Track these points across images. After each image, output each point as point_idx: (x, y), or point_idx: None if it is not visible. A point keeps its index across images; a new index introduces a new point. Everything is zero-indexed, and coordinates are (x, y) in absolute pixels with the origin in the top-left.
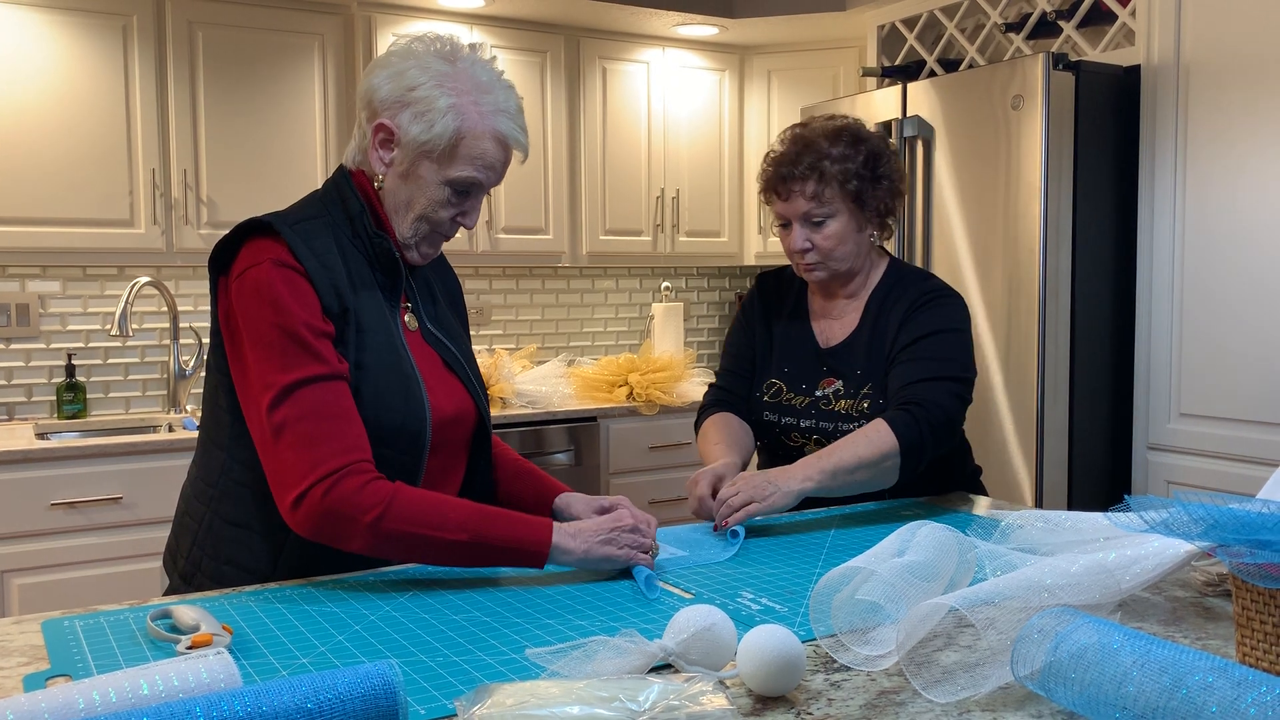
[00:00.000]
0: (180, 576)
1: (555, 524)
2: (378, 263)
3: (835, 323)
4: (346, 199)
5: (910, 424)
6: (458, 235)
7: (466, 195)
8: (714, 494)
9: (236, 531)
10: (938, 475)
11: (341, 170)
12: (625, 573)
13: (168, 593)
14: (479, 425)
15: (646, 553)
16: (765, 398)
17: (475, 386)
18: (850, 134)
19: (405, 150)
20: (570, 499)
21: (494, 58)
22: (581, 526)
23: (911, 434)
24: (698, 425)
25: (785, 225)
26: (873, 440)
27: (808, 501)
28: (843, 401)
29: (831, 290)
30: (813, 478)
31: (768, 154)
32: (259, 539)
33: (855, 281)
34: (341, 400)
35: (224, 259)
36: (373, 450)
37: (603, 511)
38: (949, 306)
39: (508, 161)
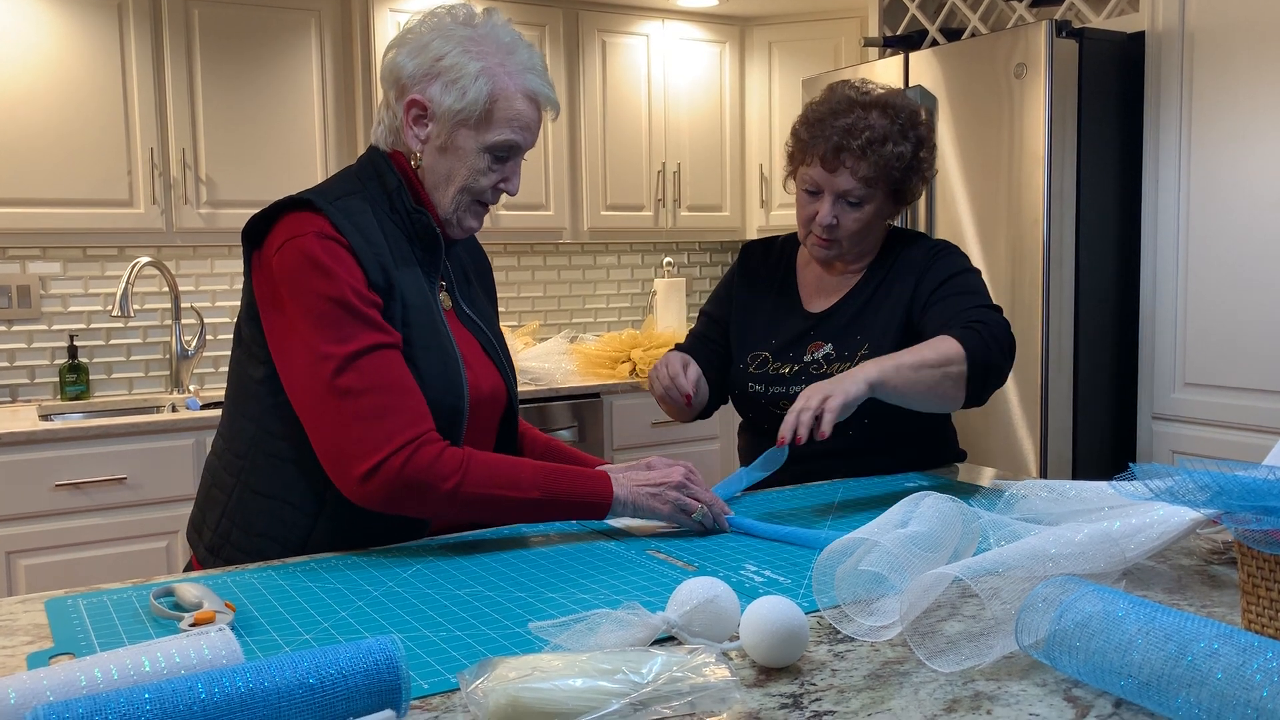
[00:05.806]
0: (207, 549)
1: (613, 476)
2: (417, 239)
3: (827, 291)
4: (383, 174)
5: (975, 337)
6: None
7: (505, 160)
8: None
9: (268, 503)
10: (923, 457)
11: (375, 149)
12: (616, 537)
13: (189, 566)
14: (508, 406)
15: (691, 513)
16: (751, 369)
17: (506, 367)
18: (908, 115)
19: (440, 122)
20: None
21: (509, 20)
22: (634, 479)
23: (977, 344)
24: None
25: (814, 193)
26: (935, 346)
27: (815, 473)
28: (836, 365)
29: (831, 264)
30: (879, 366)
31: (814, 106)
32: (292, 510)
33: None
34: (401, 369)
35: (258, 233)
36: None
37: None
38: (960, 255)
39: (540, 120)
